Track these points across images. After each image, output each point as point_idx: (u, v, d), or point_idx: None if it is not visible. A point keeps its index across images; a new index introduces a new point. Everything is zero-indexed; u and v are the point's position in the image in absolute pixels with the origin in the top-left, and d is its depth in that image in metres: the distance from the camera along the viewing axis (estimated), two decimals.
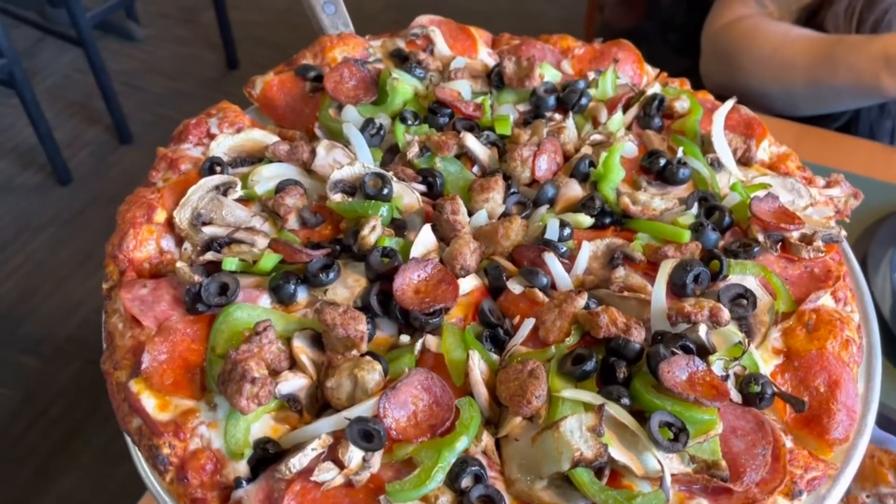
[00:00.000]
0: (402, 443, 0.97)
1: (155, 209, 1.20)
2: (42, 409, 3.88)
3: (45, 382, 3.84)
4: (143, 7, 6.00)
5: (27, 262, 4.47)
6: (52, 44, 5.56)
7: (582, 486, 0.92)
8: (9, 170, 5.01)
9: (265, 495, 0.93)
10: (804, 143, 2.31)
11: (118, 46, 5.82)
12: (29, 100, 4.53)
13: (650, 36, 3.65)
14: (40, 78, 5.49)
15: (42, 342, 4.14)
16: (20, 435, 3.78)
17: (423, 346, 1.07)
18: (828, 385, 1.05)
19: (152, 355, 1.04)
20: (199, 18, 5.99)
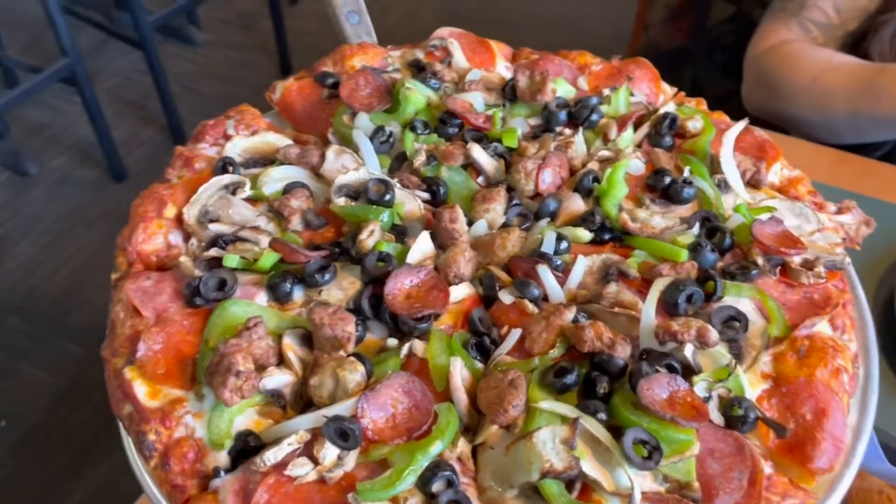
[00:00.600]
0: (378, 444, 0.99)
1: (166, 204, 1.25)
2: (85, 397, 4.01)
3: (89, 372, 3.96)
4: (204, 13, 6.18)
5: (80, 254, 4.64)
6: (116, 46, 5.75)
7: (550, 497, 0.92)
8: (67, 164, 5.20)
9: (240, 486, 0.96)
10: (842, 170, 2.27)
11: (178, 50, 6.00)
12: (89, 98, 4.70)
13: (696, 56, 3.62)
14: (102, 78, 5.69)
15: (89, 332, 4.28)
16: (61, 420, 3.91)
17: (410, 351, 1.09)
18: (815, 413, 1.04)
19: (148, 344, 1.08)
20: (258, 26, 6.14)
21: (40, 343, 4.23)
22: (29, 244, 4.75)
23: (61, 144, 5.34)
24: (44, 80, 4.62)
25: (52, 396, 4.02)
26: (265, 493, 0.94)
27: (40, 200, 4.99)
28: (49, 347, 4.22)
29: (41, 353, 4.19)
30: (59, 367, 4.16)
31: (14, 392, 4.08)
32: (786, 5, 2.55)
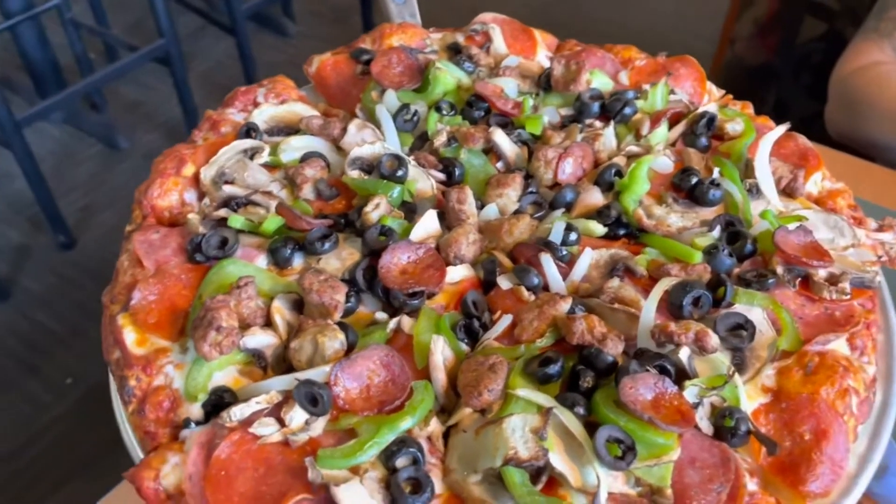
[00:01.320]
0: (348, 413, 0.97)
1: (185, 163, 1.27)
2: None
3: None
4: (299, 4, 6.33)
5: None
6: (213, 32, 5.94)
7: (511, 485, 0.89)
8: (156, 141, 5.39)
9: (207, 439, 0.96)
10: None
11: (271, 40, 6.16)
12: (180, 79, 4.88)
13: (782, 75, 3.48)
14: (196, 61, 5.88)
15: None
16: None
17: (398, 326, 1.07)
18: (814, 433, 0.97)
19: (143, 293, 1.09)
20: (350, 20, 6.24)
21: None
22: (111, 214, 4.94)
23: (152, 122, 5.54)
24: (139, 59, 4.81)
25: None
26: (227, 447, 0.93)
27: (127, 173, 5.19)
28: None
29: None
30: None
31: (81, 352, 4.25)
32: (878, 25, 2.42)
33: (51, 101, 4.58)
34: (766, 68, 3.49)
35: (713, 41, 3.95)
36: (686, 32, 5.66)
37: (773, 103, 3.53)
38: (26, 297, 4.54)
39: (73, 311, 4.48)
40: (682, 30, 5.74)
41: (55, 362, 4.21)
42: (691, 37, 5.65)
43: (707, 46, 4.56)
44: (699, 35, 5.54)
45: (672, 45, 5.05)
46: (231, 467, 0.92)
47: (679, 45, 5.32)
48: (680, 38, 5.66)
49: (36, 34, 5.24)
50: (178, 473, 0.93)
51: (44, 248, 4.84)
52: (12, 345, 4.35)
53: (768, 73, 3.46)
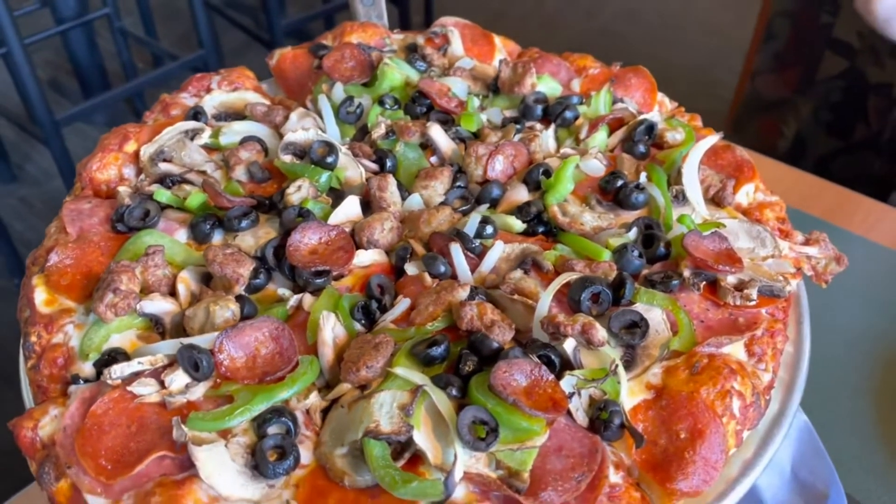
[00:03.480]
0: (230, 381, 0.99)
1: (128, 140, 1.31)
2: None
3: None
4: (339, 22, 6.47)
5: None
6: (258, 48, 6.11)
7: (369, 457, 0.89)
8: None
9: (91, 395, 0.98)
10: None
11: None
12: None
13: (801, 111, 3.43)
14: None
15: None
16: None
17: (299, 304, 1.09)
18: (690, 432, 0.95)
19: (60, 257, 1.13)
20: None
21: None
22: None
23: None
24: (179, 67, 4.97)
25: None
26: (105, 403, 0.96)
27: None
28: None
29: None
30: None
31: None
32: None
33: (91, 103, 4.75)
34: (786, 104, 3.44)
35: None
36: (719, 67, 5.61)
37: (792, 139, 3.47)
38: None
39: None
40: (713, 65, 5.68)
41: None
42: (723, 71, 5.61)
43: (731, 80, 4.51)
44: (730, 69, 5.49)
45: (697, 77, 4.97)
46: (105, 422, 0.94)
47: (705, 78, 5.23)
48: (707, 70, 5.62)
49: (86, 40, 5.46)
50: (56, 425, 0.96)
51: None
52: None
53: (788, 109, 3.41)
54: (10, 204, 5.28)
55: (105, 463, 0.90)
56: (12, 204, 5.26)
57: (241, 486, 0.90)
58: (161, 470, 0.90)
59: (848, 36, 3.26)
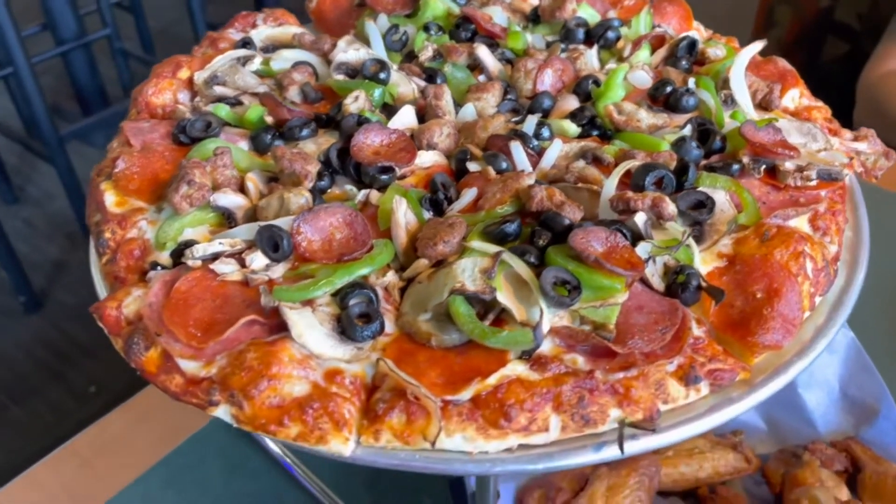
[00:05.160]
0: (308, 262, 1.00)
1: (181, 67, 1.34)
2: None
3: None
4: None
5: None
6: None
7: (456, 314, 0.90)
8: None
9: (171, 278, 0.99)
10: None
11: None
12: None
13: None
14: None
15: None
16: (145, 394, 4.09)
17: (367, 199, 1.10)
18: (766, 292, 0.96)
19: (127, 164, 1.14)
20: None
21: None
22: None
23: None
24: None
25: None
26: (188, 281, 0.97)
27: None
28: None
29: None
30: None
31: (107, 362, 4.33)
32: None
33: (93, 119, 4.79)
34: None
35: None
36: None
37: None
38: (59, 309, 4.66)
39: None
40: None
41: (81, 372, 4.30)
42: None
43: None
44: None
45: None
46: (190, 297, 0.95)
47: None
48: None
49: (86, 61, 5.50)
50: (140, 304, 0.96)
51: (80, 263, 4.94)
52: (40, 353, 4.44)
53: None
54: (14, 225, 5.27)
55: (194, 331, 0.91)
56: (16, 225, 5.26)
57: (331, 347, 0.91)
58: (251, 334, 0.91)
59: (849, 18, 3.35)
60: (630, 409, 0.87)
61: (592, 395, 0.87)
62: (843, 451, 1.45)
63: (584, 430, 0.87)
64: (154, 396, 1.75)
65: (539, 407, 0.85)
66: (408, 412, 0.85)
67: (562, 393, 0.86)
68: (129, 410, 1.77)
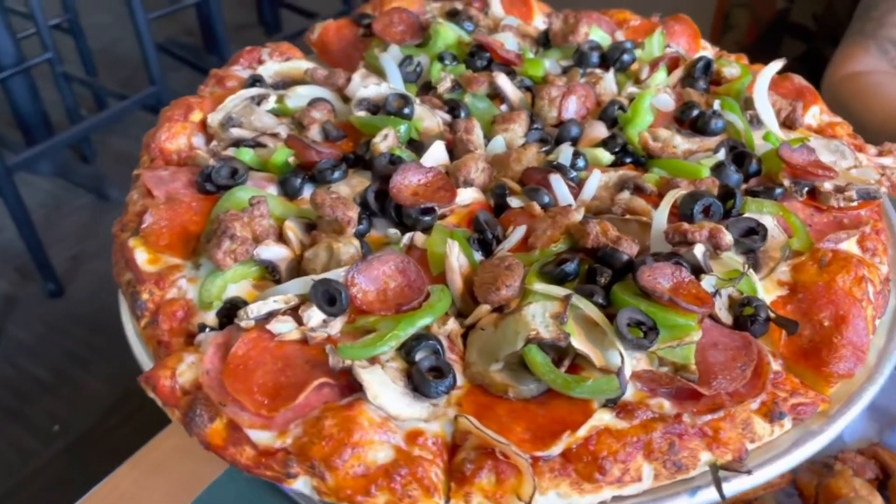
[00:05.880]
0: (365, 314, 0.96)
1: (193, 110, 1.28)
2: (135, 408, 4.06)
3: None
4: None
5: None
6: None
7: (534, 365, 0.88)
8: None
9: (223, 341, 0.94)
10: None
11: None
12: None
13: None
14: None
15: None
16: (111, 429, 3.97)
17: (411, 242, 1.07)
18: (833, 319, 0.96)
19: (154, 218, 1.09)
20: None
21: (100, 354, 4.34)
22: (103, 262, 4.89)
23: None
24: (130, 106, 4.87)
25: (105, 406, 4.09)
26: (244, 345, 0.92)
27: None
28: (108, 359, 4.31)
29: (101, 364, 4.29)
30: (115, 378, 4.25)
31: (70, 399, 4.17)
32: (864, 26, 2.49)
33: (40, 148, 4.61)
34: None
35: None
36: None
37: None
38: (13, 346, 4.47)
39: (61, 358, 4.42)
40: None
41: (42, 409, 4.13)
42: None
43: None
44: None
45: None
46: (249, 362, 0.90)
47: None
48: None
49: (27, 87, 5.29)
50: (195, 371, 0.91)
51: (32, 297, 4.79)
52: None
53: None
54: None
55: (261, 398, 0.86)
56: None
57: (408, 406, 0.87)
58: (322, 398, 0.87)
59: (804, 19, 3.43)
60: (720, 452, 0.86)
61: (682, 439, 0.85)
62: (872, 459, 1.47)
63: (676, 476, 0.85)
64: (163, 447, 1.68)
65: (631, 457, 0.83)
66: (497, 472, 0.82)
67: (652, 440, 0.84)
68: (139, 464, 1.69)
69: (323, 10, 6.01)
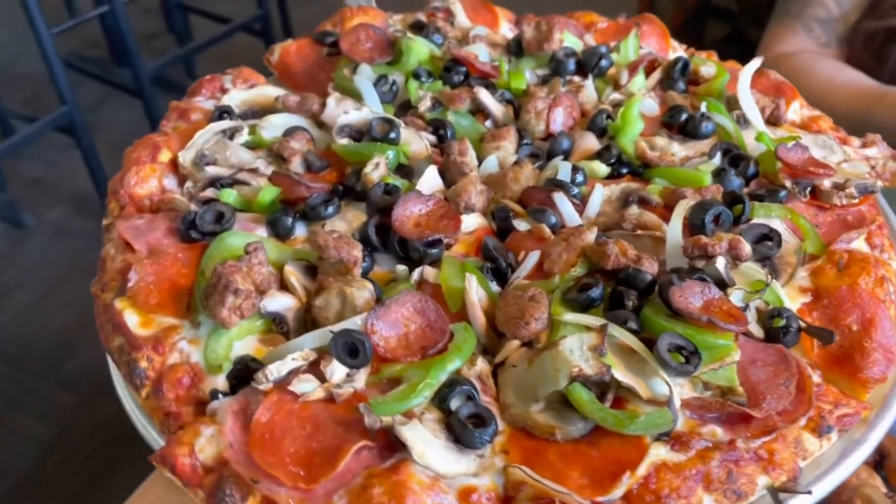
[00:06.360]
0: (389, 362, 0.91)
1: (160, 149, 1.19)
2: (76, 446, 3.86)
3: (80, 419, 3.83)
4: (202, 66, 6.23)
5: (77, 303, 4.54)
6: (116, 100, 5.77)
7: (580, 403, 0.84)
8: (64, 216, 5.14)
9: (240, 407, 0.87)
10: None
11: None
12: (87, 147, 4.68)
13: None
14: (102, 131, 5.66)
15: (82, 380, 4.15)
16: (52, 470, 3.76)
17: (421, 278, 1.02)
18: (861, 323, 0.96)
19: (140, 275, 1.00)
20: None
21: (32, 392, 4.11)
22: (24, 294, 4.65)
23: (58, 196, 5.28)
24: (42, 128, 4.60)
25: (43, 446, 3.87)
26: (267, 411, 0.85)
27: (36, 251, 4.92)
28: (41, 396, 4.08)
29: (33, 401, 4.06)
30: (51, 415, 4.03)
31: (4, 441, 3.94)
32: (789, 7, 2.54)
33: None
34: None
35: None
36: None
37: None
38: None
39: None
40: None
41: None
42: None
43: None
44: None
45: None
46: (275, 429, 0.84)
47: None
48: None
49: None
50: (216, 445, 0.84)
51: None
52: None
53: None
54: None
55: (295, 469, 0.80)
56: None
57: (455, 462, 0.82)
58: (362, 463, 0.81)
59: (727, 2, 3.50)
60: (775, 474, 0.84)
61: (739, 466, 0.83)
62: None
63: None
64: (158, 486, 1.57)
65: (692, 491, 0.81)
66: None
67: (710, 471, 0.82)
68: None
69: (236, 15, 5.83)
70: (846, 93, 2.18)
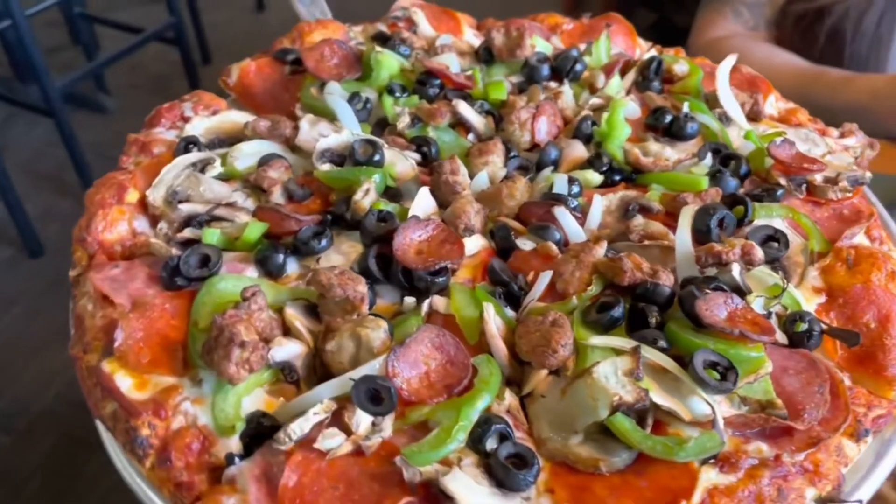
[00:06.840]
0: (415, 405, 0.85)
1: (126, 189, 1.10)
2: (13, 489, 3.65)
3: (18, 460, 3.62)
4: (113, 79, 5.97)
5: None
6: (24, 119, 5.47)
7: (624, 434, 0.81)
8: None
9: (262, 471, 0.81)
10: None
11: (90, 119, 5.74)
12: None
13: None
14: (11, 152, 5.36)
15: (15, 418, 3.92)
16: None
17: (431, 308, 0.97)
18: (878, 320, 0.96)
19: (126, 332, 0.92)
20: (172, 88, 5.95)
21: None
22: None
23: None
24: None
25: None
26: (293, 473, 0.79)
27: None
28: None
29: None
30: None
31: None
32: None
33: None
34: None
35: None
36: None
37: None
38: None
39: None
40: None
41: None
42: None
43: None
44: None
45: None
46: (306, 493, 0.78)
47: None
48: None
49: None
50: None
51: None
52: None
53: None
54: None
55: None
56: None
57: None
58: None
59: None
60: (821, 485, 0.82)
61: (787, 481, 0.81)
62: None
63: None
64: None
65: None
66: None
67: (762, 490, 0.80)
68: None
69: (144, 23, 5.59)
70: (783, 74, 2.21)
